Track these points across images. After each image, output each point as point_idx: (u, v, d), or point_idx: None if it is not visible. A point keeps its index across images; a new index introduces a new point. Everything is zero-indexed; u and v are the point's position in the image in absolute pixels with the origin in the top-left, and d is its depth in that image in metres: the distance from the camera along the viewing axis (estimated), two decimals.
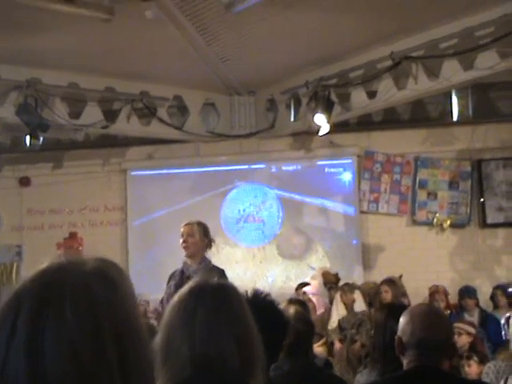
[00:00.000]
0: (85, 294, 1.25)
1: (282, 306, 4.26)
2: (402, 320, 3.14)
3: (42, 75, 8.97)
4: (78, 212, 10.76)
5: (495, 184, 10.03)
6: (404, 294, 9.18)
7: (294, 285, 9.40)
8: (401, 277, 9.34)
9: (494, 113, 10.26)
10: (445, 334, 3.12)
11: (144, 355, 1.33)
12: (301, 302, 5.53)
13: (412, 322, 3.08)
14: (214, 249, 9.95)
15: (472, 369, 5.86)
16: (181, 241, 6.43)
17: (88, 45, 8.13)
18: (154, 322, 7.66)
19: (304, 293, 8.62)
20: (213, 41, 8.11)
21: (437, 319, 3.15)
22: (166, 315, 2.20)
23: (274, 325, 2.86)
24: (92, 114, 9.55)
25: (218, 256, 10.03)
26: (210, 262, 6.51)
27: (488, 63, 7.82)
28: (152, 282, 8.91)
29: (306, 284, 9.07)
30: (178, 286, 6.26)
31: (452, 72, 8.22)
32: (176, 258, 6.76)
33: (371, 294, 9.18)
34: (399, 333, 3.12)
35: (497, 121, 10.13)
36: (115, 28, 7.27)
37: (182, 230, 6.52)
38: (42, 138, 9.00)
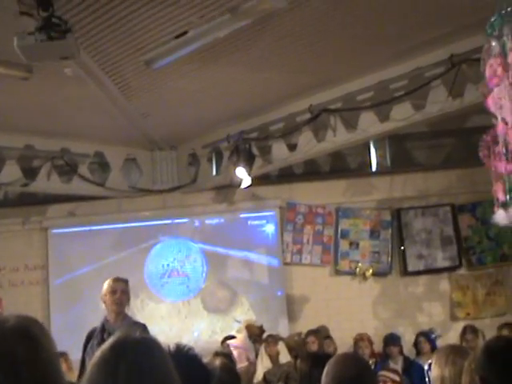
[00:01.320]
0: (6, 353, 1.24)
1: (207, 359, 4.24)
2: (326, 369, 3.17)
3: None
4: None
5: (414, 232, 10.23)
6: (329, 337, 9.25)
7: (220, 338, 9.33)
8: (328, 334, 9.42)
9: (410, 162, 10.52)
10: (369, 382, 3.16)
11: None
12: (226, 355, 5.52)
13: (336, 370, 3.10)
14: (138, 305, 9.91)
15: None
16: (113, 297, 6.33)
17: (6, 102, 8.04)
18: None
19: (227, 345, 8.58)
20: (133, 97, 8.13)
21: (360, 366, 3.18)
22: (87, 372, 2.15)
23: (198, 378, 2.84)
24: (11, 172, 9.40)
25: (143, 312, 9.95)
26: (130, 317, 6.45)
27: (403, 115, 8.05)
28: (74, 340, 8.68)
29: (231, 337, 9.03)
30: (100, 345, 6.17)
31: (369, 124, 8.43)
32: (98, 314, 6.67)
33: (297, 345, 9.20)
34: (324, 381, 3.14)
35: (413, 170, 10.38)
36: (34, 85, 7.23)
37: (113, 285, 6.40)
38: None
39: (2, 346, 1.24)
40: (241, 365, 8.66)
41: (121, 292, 6.34)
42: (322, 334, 9.23)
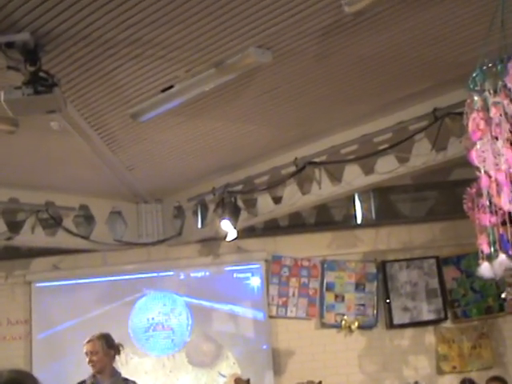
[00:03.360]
0: None
1: None
2: None
3: None
4: None
5: (399, 284, 10.23)
6: None
7: None
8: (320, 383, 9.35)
9: (395, 215, 10.56)
10: None
11: None
12: None
13: None
14: (122, 359, 9.80)
15: None
16: (86, 359, 6.34)
17: None
18: None
19: None
20: (119, 149, 8.16)
21: None
22: None
23: None
24: None
25: (127, 367, 9.83)
26: (120, 373, 6.40)
27: (387, 168, 8.11)
28: None
29: None
30: None
31: (354, 176, 8.47)
32: (82, 370, 6.64)
33: None
34: None
35: (398, 223, 10.42)
36: (19, 138, 7.25)
37: (84, 347, 6.43)
38: None
39: None
40: None
41: (91, 353, 6.37)
42: None
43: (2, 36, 5.11)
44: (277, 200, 9.33)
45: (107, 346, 6.53)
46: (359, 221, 10.60)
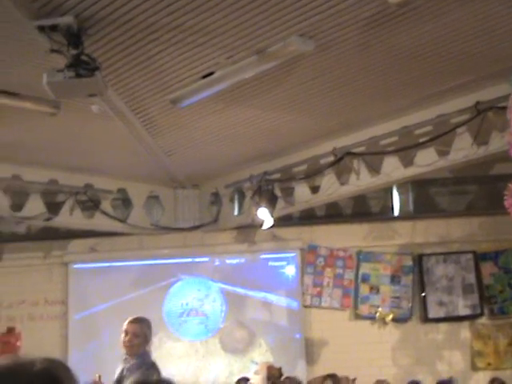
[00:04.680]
0: None
1: None
2: None
3: None
4: (16, 306, 10.50)
5: (436, 279, 10.15)
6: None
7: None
8: (354, 380, 9.34)
9: (433, 208, 10.47)
10: None
11: None
12: None
13: None
14: (156, 343, 9.87)
15: None
16: (125, 339, 6.28)
17: (32, 137, 8.13)
18: None
19: None
20: (158, 134, 8.19)
21: None
22: None
23: None
24: (35, 207, 9.45)
25: (160, 350, 9.91)
26: (149, 356, 6.37)
27: (427, 160, 8.03)
28: (91, 376, 8.69)
29: (244, 379, 8.97)
30: (118, 381, 6.16)
31: (392, 168, 8.41)
32: (117, 352, 6.65)
33: None
34: None
35: (436, 216, 10.33)
36: (60, 121, 7.30)
37: (127, 326, 6.35)
38: None
39: None
40: None
41: (132, 334, 6.29)
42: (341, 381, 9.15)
43: (46, 19, 5.15)
44: (314, 189, 9.30)
45: (149, 333, 6.49)
46: (396, 213, 10.54)
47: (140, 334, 6.34)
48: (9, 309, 10.50)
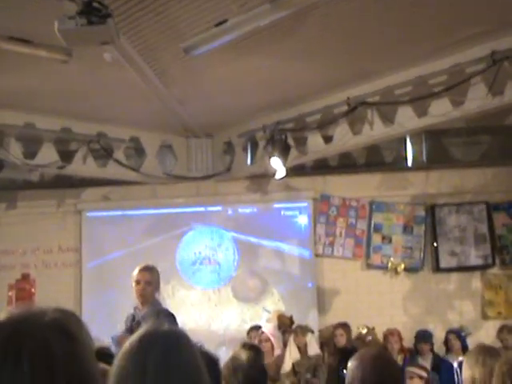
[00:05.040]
0: (43, 348, 1.24)
1: (235, 350, 4.26)
2: (351, 365, 3.14)
3: None
4: (31, 253, 10.61)
5: (448, 229, 10.15)
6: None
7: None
8: (373, 329, 9.42)
9: (447, 158, 10.42)
10: (394, 380, 3.13)
11: None
12: (254, 347, 5.50)
13: (362, 367, 3.07)
14: (169, 291, 9.95)
15: None
16: (137, 287, 6.30)
17: (45, 85, 8.11)
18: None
19: (262, 332, 8.59)
20: (171, 83, 8.15)
21: (386, 364, 3.16)
22: (115, 364, 2.15)
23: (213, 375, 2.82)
24: (48, 155, 9.48)
25: (174, 299, 10.00)
26: (159, 303, 6.41)
27: (441, 110, 7.98)
28: (105, 324, 8.80)
29: (257, 327, 9.05)
30: (129, 332, 6.20)
31: (406, 118, 8.36)
32: (130, 300, 6.70)
33: (327, 337, 9.22)
34: (349, 379, 3.12)
35: (450, 166, 10.29)
36: (73, 69, 7.28)
37: (138, 275, 6.36)
38: None
39: (38, 340, 1.24)
40: (277, 352, 8.69)
41: (144, 283, 6.29)
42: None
43: None
44: (327, 139, 9.27)
45: (159, 280, 6.50)
46: (410, 163, 10.50)
47: (152, 281, 6.35)
48: (23, 256, 10.61)
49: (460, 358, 6.51)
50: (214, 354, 3.21)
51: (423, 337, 9.15)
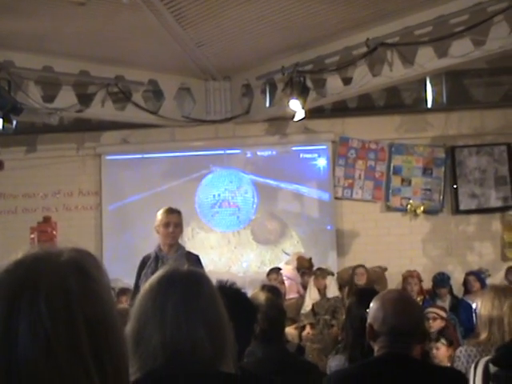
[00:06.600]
0: (59, 286, 1.25)
1: (254, 291, 4.29)
2: (372, 306, 3.16)
3: (16, 58, 8.87)
4: (51, 196, 10.70)
5: (468, 171, 10.10)
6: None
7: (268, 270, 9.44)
8: (385, 269, 9.46)
9: (467, 100, 10.33)
10: (415, 321, 3.15)
11: (118, 348, 1.33)
12: (273, 289, 5.54)
13: (383, 309, 3.09)
14: (189, 233, 10.00)
15: (440, 351, 5.91)
16: (167, 230, 6.28)
17: (63, 28, 8.07)
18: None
19: (280, 275, 8.67)
20: (189, 26, 8.08)
21: (408, 306, 3.17)
22: (137, 303, 2.19)
23: (243, 312, 2.87)
24: (66, 98, 9.48)
25: (193, 241, 10.07)
26: (184, 248, 6.45)
27: (462, 51, 7.87)
28: (125, 266, 8.85)
29: (277, 269, 9.11)
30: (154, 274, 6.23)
31: (426, 59, 8.27)
32: (150, 242, 6.74)
33: (345, 278, 9.26)
34: (370, 319, 3.13)
35: (470, 108, 10.20)
36: (90, 12, 7.24)
37: (168, 217, 6.33)
38: (15, 122, 8.87)
39: (54, 280, 1.26)
40: (291, 296, 8.77)
41: (174, 225, 6.26)
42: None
43: None
44: (346, 81, 9.20)
45: (182, 222, 6.51)
46: (430, 105, 10.43)
47: (180, 223, 6.35)
48: (44, 199, 10.70)
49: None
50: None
51: (441, 281, 9.15)
